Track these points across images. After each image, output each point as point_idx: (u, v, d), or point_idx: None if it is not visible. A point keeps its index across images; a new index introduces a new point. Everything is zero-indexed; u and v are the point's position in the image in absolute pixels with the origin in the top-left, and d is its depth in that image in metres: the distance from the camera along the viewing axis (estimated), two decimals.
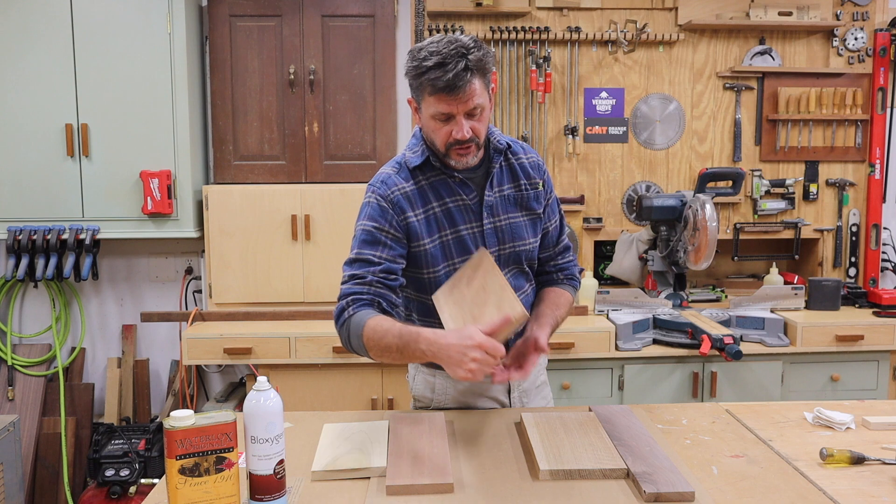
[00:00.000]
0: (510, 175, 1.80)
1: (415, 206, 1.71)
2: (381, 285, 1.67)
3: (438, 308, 1.68)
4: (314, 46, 3.25)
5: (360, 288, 1.66)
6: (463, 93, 1.59)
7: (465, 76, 1.58)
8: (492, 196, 1.76)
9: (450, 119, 1.63)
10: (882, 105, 3.52)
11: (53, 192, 3.16)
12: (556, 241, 1.91)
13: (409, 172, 1.74)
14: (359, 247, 1.70)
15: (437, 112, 1.63)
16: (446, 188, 1.74)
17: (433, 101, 1.62)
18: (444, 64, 1.58)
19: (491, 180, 1.76)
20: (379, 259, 1.68)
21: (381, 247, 1.69)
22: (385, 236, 1.69)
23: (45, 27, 3.08)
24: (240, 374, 3.58)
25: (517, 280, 1.84)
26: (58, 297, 3.48)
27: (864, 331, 3.05)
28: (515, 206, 1.79)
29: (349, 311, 1.65)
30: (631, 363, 2.97)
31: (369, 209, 1.72)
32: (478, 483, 1.46)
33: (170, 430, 1.26)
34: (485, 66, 1.62)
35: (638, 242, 3.44)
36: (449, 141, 1.65)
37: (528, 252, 1.83)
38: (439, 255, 1.74)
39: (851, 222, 3.60)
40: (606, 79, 3.50)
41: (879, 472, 1.51)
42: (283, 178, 3.30)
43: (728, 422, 1.81)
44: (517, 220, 1.80)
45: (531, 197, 1.81)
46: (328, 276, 3.24)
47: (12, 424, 2.73)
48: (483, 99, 1.63)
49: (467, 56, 1.58)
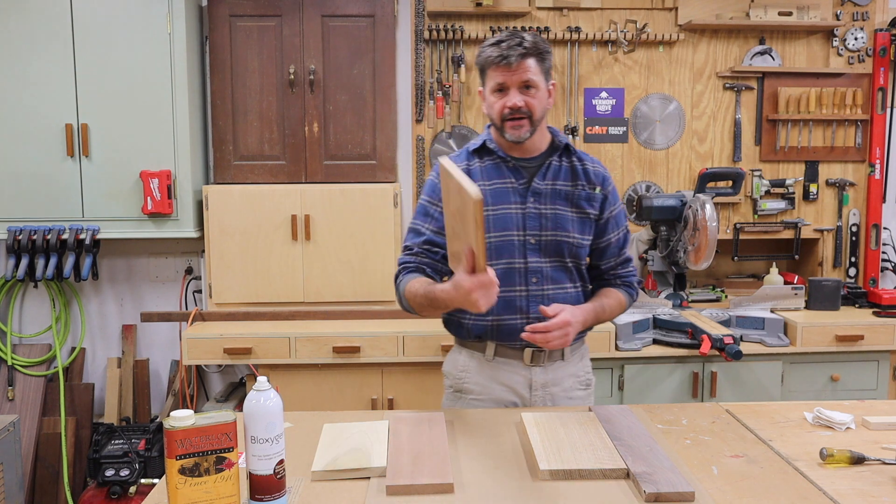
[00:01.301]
0: (569, 174, 1.93)
1: None
2: (425, 255, 1.90)
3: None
4: (314, 46, 3.25)
5: (408, 258, 1.91)
6: (516, 64, 1.79)
7: (518, 50, 1.79)
8: (541, 185, 1.90)
9: (504, 90, 1.82)
10: (882, 105, 3.52)
11: (53, 192, 3.16)
12: (618, 253, 2.01)
13: (468, 155, 1.94)
14: (414, 217, 1.96)
15: (494, 84, 1.83)
16: (498, 171, 1.91)
17: (490, 74, 1.84)
18: (500, 42, 1.82)
19: (544, 171, 1.91)
20: (425, 230, 1.91)
21: (430, 219, 1.91)
22: (434, 209, 1.91)
23: (46, 27, 3.08)
24: (240, 374, 3.58)
25: (558, 274, 1.91)
26: (58, 297, 3.48)
27: (864, 331, 3.05)
28: (565, 200, 1.91)
29: (399, 279, 1.90)
30: (631, 363, 2.97)
31: (427, 186, 1.95)
32: (478, 483, 1.46)
33: (170, 430, 1.26)
34: (540, 50, 1.82)
35: (638, 242, 3.44)
36: (504, 112, 1.83)
37: (571, 246, 1.91)
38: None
39: (851, 222, 3.60)
40: (606, 79, 3.51)
41: (879, 472, 1.51)
42: (283, 178, 3.30)
43: (728, 422, 1.81)
44: (563, 212, 1.90)
45: (582, 196, 1.92)
46: (328, 276, 3.24)
47: (12, 424, 2.73)
48: (537, 77, 1.82)
49: (524, 40, 1.80)
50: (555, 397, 1.96)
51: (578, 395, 2.00)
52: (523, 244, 1.88)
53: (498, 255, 1.88)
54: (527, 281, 1.89)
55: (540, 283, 1.90)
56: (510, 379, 1.94)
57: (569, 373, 1.98)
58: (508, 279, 1.88)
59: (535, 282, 1.89)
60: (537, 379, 1.94)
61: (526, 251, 1.88)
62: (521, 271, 1.89)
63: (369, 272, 3.24)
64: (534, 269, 1.89)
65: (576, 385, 2.00)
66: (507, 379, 1.95)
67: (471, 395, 1.98)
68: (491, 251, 1.88)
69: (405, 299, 1.86)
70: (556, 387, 1.96)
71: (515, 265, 1.88)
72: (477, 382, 1.97)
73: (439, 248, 1.89)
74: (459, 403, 2.00)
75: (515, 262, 1.88)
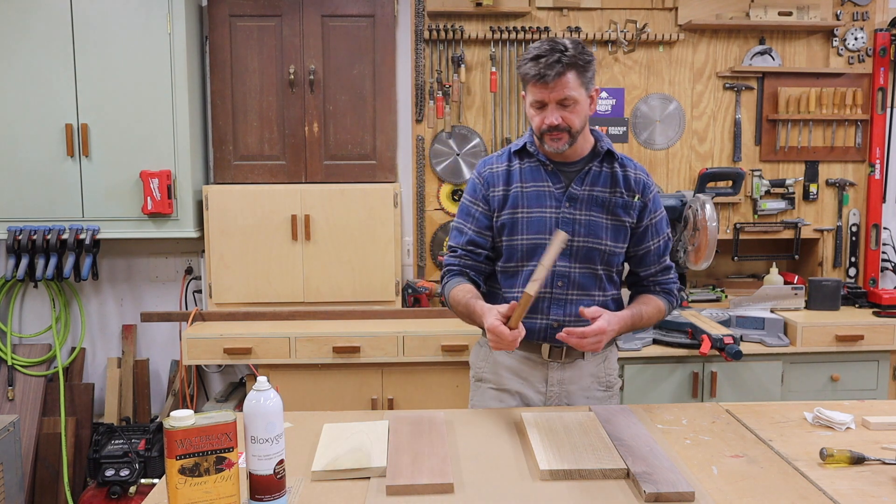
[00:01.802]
0: (609, 180, 1.92)
1: (501, 183, 1.94)
2: (468, 257, 1.96)
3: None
4: (314, 46, 3.25)
5: (453, 260, 1.98)
6: (553, 82, 1.77)
7: (557, 67, 1.76)
8: (579, 190, 1.90)
9: (543, 107, 1.82)
10: (882, 105, 3.52)
11: (53, 192, 3.16)
12: (658, 260, 2.01)
13: (509, 156, 1.97)
14: (458, 216, 2.01)
15: (533, 100, 1.84)
16: (536, 173, 1.92)
17: (530, 89, 1.83)
18: (540, 57, 1.78)
19: (583, 177, 1.91)
20: (467, 230, 1.96)
21: (471, 218, 1.96)
22: (475, 209, 1.96)
23: (45, 27, 3.08)
24: (240, 374, 3.58)
25: (586, 280, 1.92)
26: (58, 297, 3.48)
27: (864, 331, 3.05)
28: (601, 208, 1.91)
29: (445, 280, 1.99)
30: (631, 363, 2.97)
31: (469, 186, 2.01)
32: (478, 483, 1.46)
33: (170, 430, 1.26)
34: (581, 63, 1.79)
35: None
36: (542, 127, 1.83)
37: (603, 253, 1.91)
38: (511, 227, 1.91)
39: (851, 222, 3.60)
40: (606, 79, 3.50)
41: (879, 472, 1.51)
42: (283, 178, 3.30)
43: (728, 422, 1.81)
44: (598, 219, 1.90)
45: (619, 203, 1.91)
46: (328, 276, 3.24)
47: (12, 424, 2.73)
48: (577, 92, 1.80)
49: (564, 53, 1.77)
50: (571, 395, 1.97)
51: (597, 395, 2.00)
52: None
53: (529, 256, 1.90)
54: (552, 284, 1.90)
55: (565, 288, 1.91)
56: (526, 372, 1.97)
57: (588, 372, 1.98)
58: None
59: (561, 286, 1.90)
60: (554, 375, 1.96)
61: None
62: (548, 275, 1.89)
63: (369, 272, 3.24)
64: (561, 273, 1.90)
65: (594, 385, 2.00)
66: (524, 372, 1.97)
67: (488, 384, 2.02)
68: (522, 252, 1.91)
69: (450, 304, 1.95)
70: (573, 385, 1.97)
71: None
72: (494, 372, 2.00)
73: (481, 249, 1.95)
74: (479, 392, 2.04)
75: None
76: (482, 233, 1.94)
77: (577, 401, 1.97)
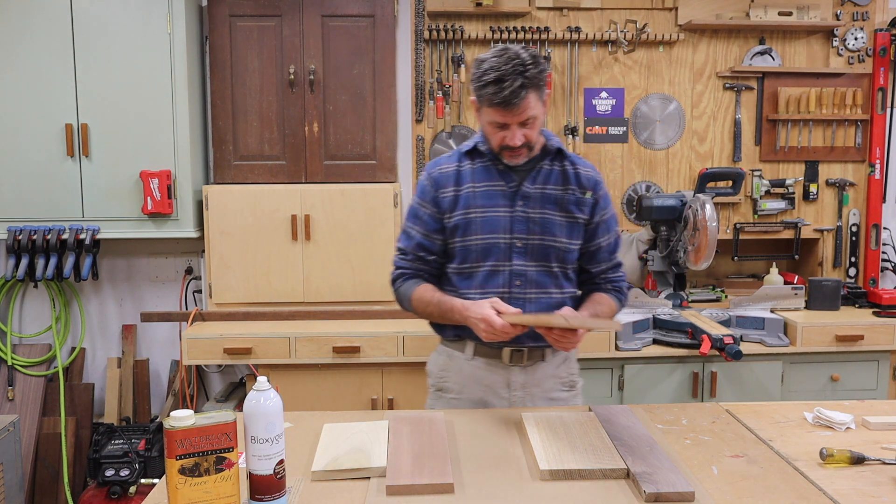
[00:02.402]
0: (560, 178, 1.92)
1: (451, 184, 1.92)
2: (419, 261, 1.95)
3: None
4: (314, 46, 3.25)
5: (404, 263, 1.97)
6: (517, 108, 1.75)
7: (521, 93, 1.73)
8: (531, 189, 1.89)
9: (504, 127, 1.80)
10: (882, 105, 3.52)
11: (53, 192, 3.16)
12: (609, 257, 2.01)
13: (460, 156, 1.95)
14: (406, 218, 2.01)
15: (494, 121, 1.80)
16: (488, 173, 1.91)
17: (490, 112, 1.79)
18: (502, 81, 1.72)
19: (535, 175, 1.90)
20: (415, 233, 1.95)
21: (419, 221, 1.95)
22: (423, 211, 1.94)
23: (45, 27, 3.08)
24: (240, 374, 3.58)
25: (543, 278, 1.91)
26: (58, 297, 3.48)
27: (864, 331, 3.05)
28: (554, 205, 1.91)
29: (398, 283, 1.98)
30: (631, 363, 2.97)
31: (418, 187, 1.99)
32: (478, 483, 1.46)
33: (170, 430, 1.26)
34: (541, 82, 1.77)
35: (638, 242, 3.44)
36: (502, 144, 1.82)
37: (559, 251, 1.91)
38: (465, 227, 1.90)
39: (851, 222, 3.60)
40: (606, 79, 3.51)
41: (879, 472, 1.51)
42: (283, 178, 3.30)
43: (728, 422, 1.81)
44: (552, 217, 1.90)
45: (572, 200, 1.91)
46: (328, 276, 3.24)
47: (12, 424, 2.73)
48: (536, 110, 1.78)
49: (524, 74, 1.72)
50: (535, 398, 1.96)
51: (561, 395, 2.00)
52: (509, 247, 1.88)
53: (483, 257, 1.89)
54: (510, 284, 1.89)
55: (523, 287, 1.90)
56: (489, 378, 1.95)
57: (549, 374, 1.98)
58: (492, 281, 1.89)
59: (519, 285, 1.90)
60: (516, 379, 1.94)
61: (512, 254, 1.89)
62: (505, 274, 1.89)
63: (369, 272, 3.24)
64: (518, 272, 1.89)
65: (557, 386, 1.99)
66: (486, 378, 1.95)
67: (450, 394, 1.99)
68: (477, 253, 1.89)
69: (409, 303, 1.94)
70: (536, 387, 1.96)
71: (500, 268, 1.89)
72: (456, 381, 1.98)
73: (430, 254, 1.94)
74: (440, 402, 2.01)
75: (500, 264, 1.89)
76: (430, 236, 1.93)
77: (541, 403, 1.97)
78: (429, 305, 1.89)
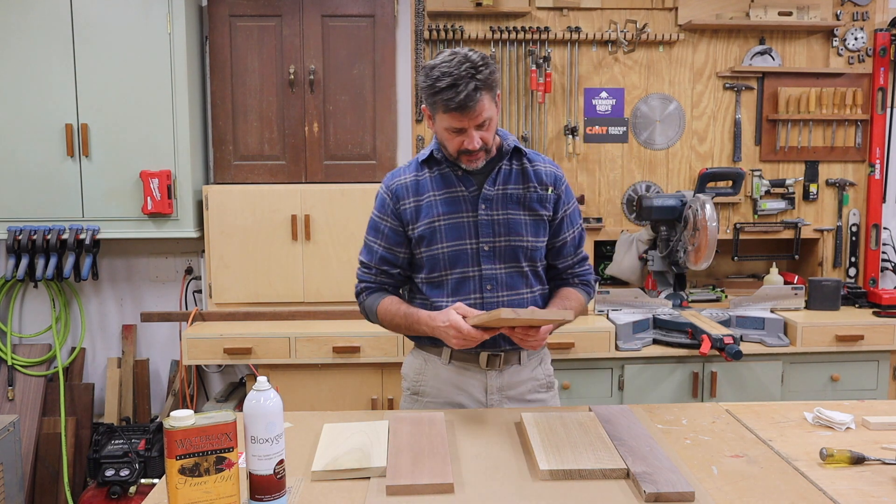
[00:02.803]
0: (520, 177, 1.91)
1: (411, 195, 1.90)
2: (383, 274, 1.94)
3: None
4: (314, 46, 3.25)
5: (367, 277, 1.96)
6: (473, 111, 1.73)
7: (476, 96, 1.72)
8: (492, 191, 1.88)
9: (461, 132, 1.78)
10: (882, 105, 3.52)
11: (53, 192, 3.16)
12: (574, 252, 2.00)
13: (417, 165, 1.93)
14: (367, 232, 1.97)
15: (450, 126, 1.78)
16: (447, 180, 1.89)
17: (446, 117, 1.76)
18: (456, 85, 1.71)
19: (494, 177, 1.88)
20: (377, 247, 1.93)
21: (381, 235, 1.93)
22: (384, 224, 1.92)
23: (45, 27, 3.08)
24: (240, 374, 3.58)
25: (513, 280, 1.91)
26: (58, 297, 3.48)
27: (864, 331, 3.05)
28: (517, 205, 1.89)
29: (363, 297, 1.97)
30: (631, 363, 2.97)
31: (378, 200, 1.96)
32: (478, 483, 1.46)
33: (170, 430, 1.26)
34: (493, 83, 1.76)
35: (638, 242, 3.44)
36: (460, 149, 1.81)
37: (527, 250, 1.90)
38: (430, 237, 1.88)
39: (851, 222, 3.60)
40: (606, 79, 3.50)
41: (879, 472, 1.51)
42: (283, 178, 3.30)
43: (728, 422, 1.81)
44: (516, 217, 1.89)
45: (534, 198, 1.90)
46: (328, 276, 3.24)
47: (12, 424, 2.73)
48: (491, 112, 1.78)
49: (476, 76, 1.71)
50: (512, 400, 1.95)
51: (540, 397, 1.99)
52: (477, 252, 1.87)
53: (452, 264, 1.88)
54: (481, 289, 1.89)
55: (495, 290, 1.89)
56: (465, 383, 1.94)
57: (526, 377, 1.97)
58: (463, 288, 1.88)
59: (490, 289, 1.89)
60: (493, 383, 1.94)
61: (480, 259, 1.88)
62: (475, 279, 1.88)
63: None
64: (488, 276, 1.88)
65: (535, 388, 1.99)
66: (463, 383, 1.94)
67: (427, 398, 1.98)
68: (445, 261, 1.88)
69: (375, 316, 1.94)
70: (512, 390, 1.95)
71: (469, 274, 1.88)
72: (433, 386, 1.97)
73: (394, 267, 1.93)
74: (416, 406, 2.00)
75: (469, 270, 1.88)
76: (392, 249, 1.91)
77: (519, 405, 1.96)
78: (395, 317, 1.89)
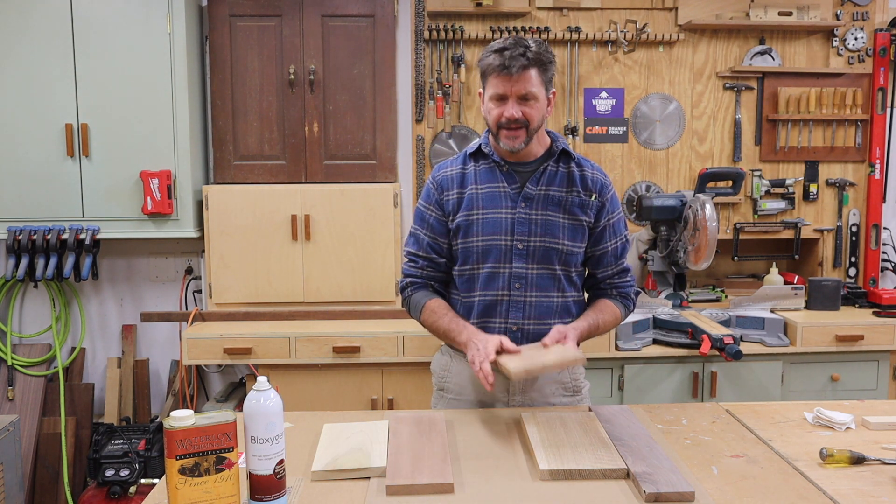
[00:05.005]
0: (565, 180, 1.91)
1: (455, 186, 1.93)
2: (430, 266, 1.96)
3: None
4: (314, 46, 3.25)
5: (414, 271, 1.98)
6: (517, 75, 1.77)
7: (521, 61, 1.76)
8: (534, 190, 1.89)
9: (503, 100, 1.81)
10: (882, 105, 3.52)
11: (53, 192, 3.16)
12: (615, 262, 1.99)
13: (465, 158, 1.96)
14: (413, 222, 2.01)
15: (494, 93, 1.82)
16: (491, 175, 1.91)
17: (491, 81, 1.82)
18: (504, 49, 1.78)
19: (538, 177, 1.89)
20: (424, 236, 1.96)
21: (426, 224, 1.96)
22: (429, 214, 1.96)
23: (45, 27, 3.08)
24: (240, 374, 3.58)
25: (544, 281, 1.90)
26: (58, 297, 3.48)
27: (864, 331, 3.05)
28: (557, 207, 1.90)
29: (409, 292, 1.99)
30: (631, 363, 2.97)
31: (424, 191, 2.00)
32: (478, 483, 1.46)
33: (170, 430, 1.26)
34: (543, 61, 1.80)
35: (638, 242, 3.44)
36: (500, 121, 1.82)
37: (561, 253, 1.89)
38: (466, 229, 1.90)
39: (851, 222, 3.60)
40: (606, 79, 3.50)
41: (879, 472, 1.51)
42: (283, 178, 3.30)
43: (728, 422, 1.81)
44: (554, 219, 1.89)
45: (576, 203, 1.90)
46: (328, 276, 3.24)
47: (12, 424, 2.73)
48: (537, 89, 1.80)
49: (527, 52, 1.78)
50: (534, 402, 1.95)
51: (563, 400, 1.98)
52: (510, 249, 1.87)
53: (484, 258, 1.89)
54: (509, 286, 1.88)
55: (523, 289, 1.89)
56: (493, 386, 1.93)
57: (550, 379, 1.96)
58: (492, 283, 1.89)
59: (518, 287, 1.88)
60: (516, 384, 1.93)
61: (512, 256, 1.88)
62: (504, 276, 1.88)
63: (369, 272, 3.24)
64: (518, 274, 1.88)
65: (559, 391, 1.97)
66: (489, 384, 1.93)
67: (450, 395, 1.99)
68: (478, 254, 1.89)
69: (419, 314, 1.95)
70: (535, 392, 1.95)
71: (500, 269, 1.88)
72: (456, 383, 1.98)
73: (439, 257, 1.95)
74: (441, 402, 2.02)
75: (500, 266, 1.88)
76: (437, 239, 1.94)
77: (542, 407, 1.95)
78: (434, 323, 1.91)
